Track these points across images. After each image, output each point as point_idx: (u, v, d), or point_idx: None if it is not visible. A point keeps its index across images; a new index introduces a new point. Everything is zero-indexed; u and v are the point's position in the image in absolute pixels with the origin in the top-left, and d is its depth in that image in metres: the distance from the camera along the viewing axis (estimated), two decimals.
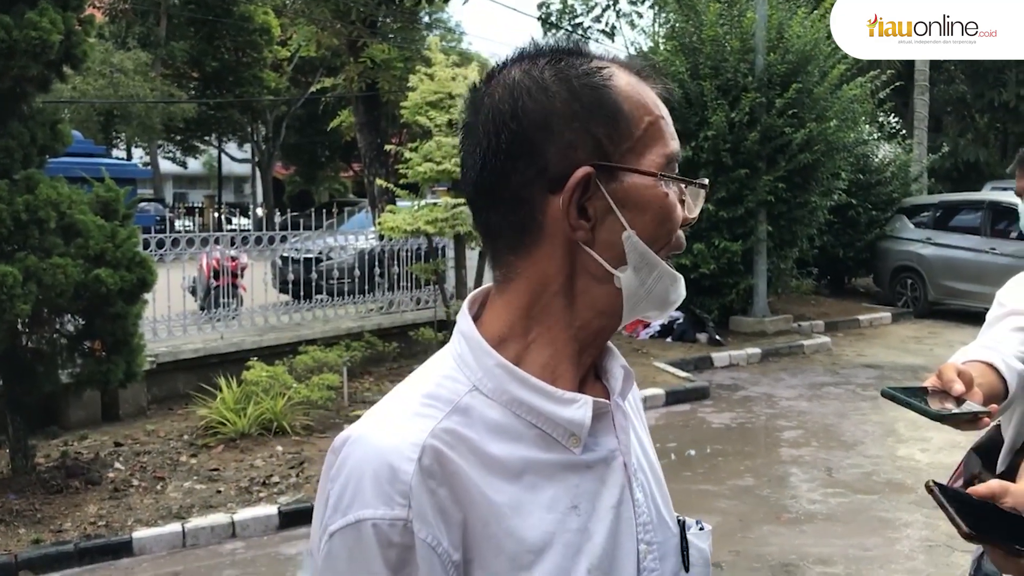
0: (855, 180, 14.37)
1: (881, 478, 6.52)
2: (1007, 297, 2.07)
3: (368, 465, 0.92)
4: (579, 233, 0.98)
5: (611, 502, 1.01)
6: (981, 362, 1.80)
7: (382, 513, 0.90)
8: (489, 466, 0.95)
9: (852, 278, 16.81)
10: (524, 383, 0.98)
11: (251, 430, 6.96)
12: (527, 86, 0.99)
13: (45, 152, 5.84)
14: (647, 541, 1.03)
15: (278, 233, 9.82)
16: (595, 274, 0.99)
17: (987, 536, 1.20)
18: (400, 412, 0.97)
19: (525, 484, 0.96)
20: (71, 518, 5.49)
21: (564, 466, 0.99)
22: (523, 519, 0.95)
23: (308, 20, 15.60)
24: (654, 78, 1.05)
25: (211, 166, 42.24)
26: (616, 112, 0.99)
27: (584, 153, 0.98)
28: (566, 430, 0.99)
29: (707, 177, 1.14)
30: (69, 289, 5.48)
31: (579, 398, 0.99)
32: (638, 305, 1.02)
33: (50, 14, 5.42)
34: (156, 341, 8.31)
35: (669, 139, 1.02)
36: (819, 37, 11.74)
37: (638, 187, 0.98)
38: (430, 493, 0.91)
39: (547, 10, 20.89)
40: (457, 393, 0.98)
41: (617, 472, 1.02)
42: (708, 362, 10.60)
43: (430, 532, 0.91)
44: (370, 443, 0.94)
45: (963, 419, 1.49)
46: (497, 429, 0.97)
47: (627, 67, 1.04)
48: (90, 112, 24.24)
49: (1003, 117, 21.29)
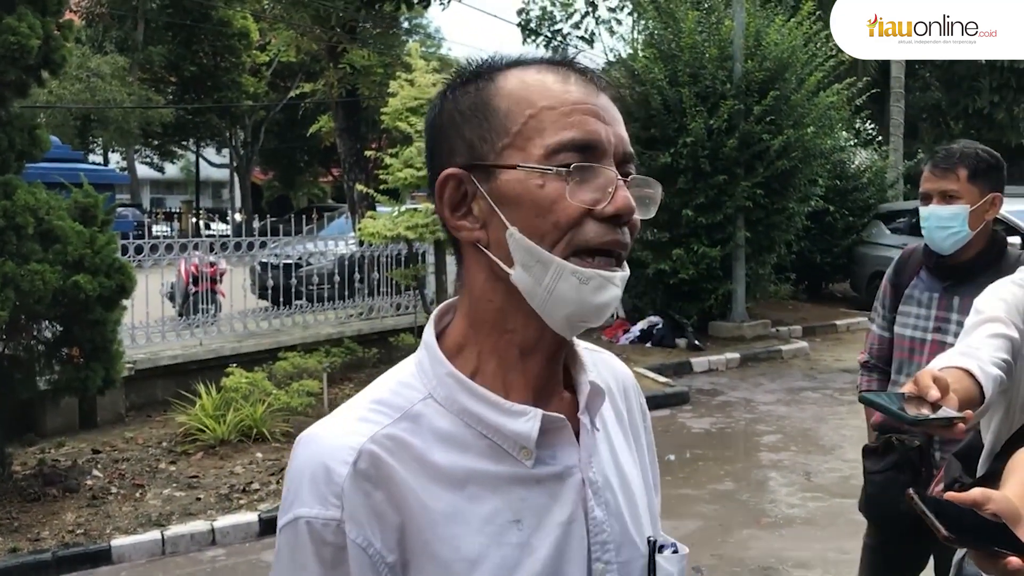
0: (832, 186, 14.49)
1: (859, 482, 6.51)
2: (984, 304, 2.10)
3: (308, 466, 0.96)
4: (472, 234, 0.99)
5: (560, 518, 0.99)
6: (958, 368, 1.82)
7: (316, 512, 0.94)
8: (430, 474, 0.96)
9: (829, 283, 16.95)
10: (473, 393, 0.99)
11: (231, 437, 6.93)
12: (433, 102, 1.05)
13: (23, 157, 5.80)
14: (605, 560, 1.01)
15: (257, 239, 9.79)
16: (501, 276, 0.98)
17: (967, 540, 1.22)
18: (348, 416, 0.99)
19: (467, 494, 0.96)
20: (49, 526, 5.45)
21: (512, 479, 0.98)
22: (460, 528, 0.95)
23: (287, 25, 15.56)
24: (584, 72, 1.02)
25: (189, 171, 42.00)
26: (490, 112, 0.99)
27: (460, 156, 1.00)
28: (516, 442, 0.98)
29: (687, 184, 1.13)
30: (47, 295, 5.44)
31: (528, 411, 0.98)
32: (547, 306, 0.97)
33: (29, 19, 5.39)
34: (134, 347, 8.26)
35: (559, 129, 0.96)
36: (796, 45, 11.85)
37: (511, 182, 0.97)
38: (364, 495, 0.94)
39: (527, 16, 20.96)
40: (410, 400, 1.00)
41: (572, 488, 1.01)
42: (687, 367, 10.64)
43: (361, 533, 0.93)
44: (313, 445, 0.97)
45: (939, 424, 1.52)
46: (445, 438, 0.98)
47: (544, 66, 1.02)
48: (67, 117, 24.05)
49: (977, 124, 21.48)
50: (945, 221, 2.81)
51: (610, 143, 0.99)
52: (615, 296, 0.98)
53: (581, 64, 1.04)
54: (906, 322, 3.02)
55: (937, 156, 2.88)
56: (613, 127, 1.00)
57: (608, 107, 1.02)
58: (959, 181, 2.79)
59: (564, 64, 1.03)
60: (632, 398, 1.19)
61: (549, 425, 0.99)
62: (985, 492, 1.29)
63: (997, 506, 1.27)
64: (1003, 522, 1.26)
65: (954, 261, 2.88)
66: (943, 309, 2.91)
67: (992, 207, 2.81)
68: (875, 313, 3.22)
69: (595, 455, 1.04)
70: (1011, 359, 1.97)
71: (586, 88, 1.00)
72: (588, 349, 1.17)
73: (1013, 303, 2.06)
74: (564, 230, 0.95)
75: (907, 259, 3.13)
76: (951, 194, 2.80)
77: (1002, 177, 2.84)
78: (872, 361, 3.20)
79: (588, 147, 0.97)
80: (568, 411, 1.03)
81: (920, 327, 2.97)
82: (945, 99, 22.01)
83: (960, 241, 2.82)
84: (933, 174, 2.85)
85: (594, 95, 1.00)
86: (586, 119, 0.98)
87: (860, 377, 3.27)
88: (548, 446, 1.00)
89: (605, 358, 1.20)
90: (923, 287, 2.99)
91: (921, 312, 2.97)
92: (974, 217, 2.79)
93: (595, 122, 0.98)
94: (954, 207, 2.79)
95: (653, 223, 12.01)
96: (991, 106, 20.92)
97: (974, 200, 2.78)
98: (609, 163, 0.98)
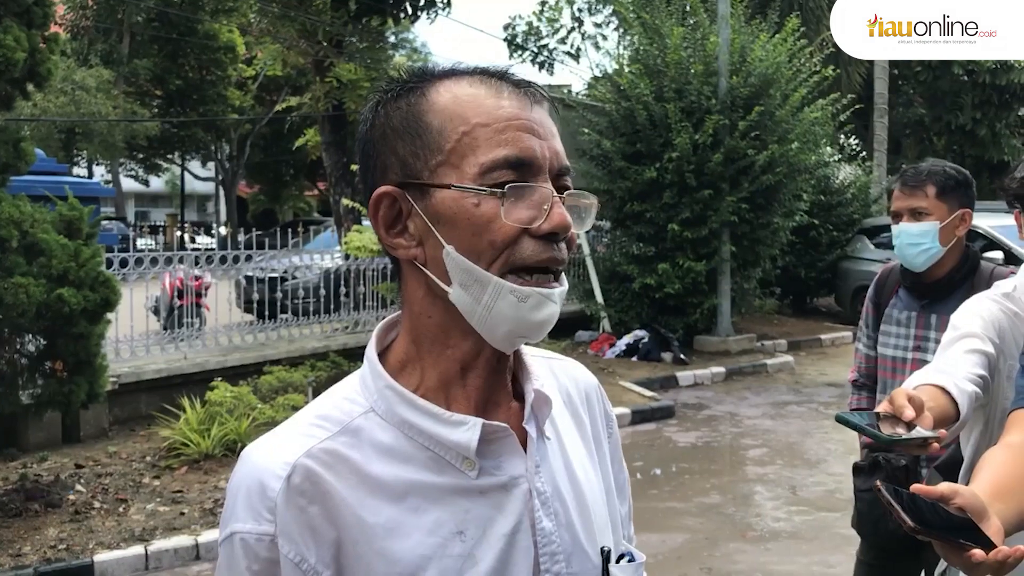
0: (817, 201, 14.59)
1: (844, 495, 6.58)
2: (960, 320, 2.12)
3: (244, 482, 0.96)
4: (408, 252, 0.99)
5: (504, 529, 0.98)
6: (933, 385, 1.84)
7: (250, 528, 0.95)
8: (369, 487, 0.96)
9: (814, 298, 17.03)
10: (412, 405, 0.99)
11: (215, 451, 6.89)
12: (364, 116, 1.03)
13: (7, 170, 5.77)
14: (555, 571, 1.00)
15: (242, 252, 9.77)
16: (439, 293, 0.98)
17: (933, 531, 1.23)
18: (287, 432, 1.00)
19: (408, 506, 0.96)
20: (30, 541, 5.39)
21: (455, 490, 0.98)
22: (399, 541, 0.95)
23: (274, 39, 15.56)
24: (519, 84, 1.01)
25: (174, 184, 41.84)
26: (423, 128, 0.97)
27: (394, 174, 0.99)
28: (458, 453, 0.98)
29: (672, 199, 1.13)
30: (31, 309, 5.41)
31: (467, 420, 0.97)
32: (486, 324, 0.96)
33: (15, 32, 5.37)
34: (118, 361, 8.21)
35: (493, 146, 0.95)
36: (780, 61, 11.94)
37: (446, 201, 0.96)
38: (299, 510, 0.94)
39: (513, 31, 21.04)
40: (350, 414, 1.00)
41: (517, 499, 1.00)
42: (673, 381, 10.66)
43: (294, 548, 0.94)
44: (250, 461, 0.98)
45: (913, 444, 1.55)
46: (385, 451, 0.98)
47: (478, 77, 1.00)
48: (51, 130, 23.95)
49: (960, 140, 21.69)
50: (915, 238, 2.84)
51: (545, 158, 0.97)
52: (553, 313, 0.97)
53: (515, 75, 1.02)
54: (887, 342, 3.05)
55: (906, 175, 2.91)
56: (548, 141, 0.99)
57: (543, 120, 1.00)
58: (928, 198, 2.82)
59: (498, 76, 1.01)
60: (595, 404, 1.18)
61: (491, 435, 0.98)
62: (952, 487, 1.30)
63: (964, 501, 1.29)
64: (968, 517, 1.28)
65: (928, 279, 2.91)
66: (921, 328, 2.94)
67: (962, 223, 2.85)
68: (860, 332, 3.25)
69: (544, 465, 1.03)
70: (987, 375, 1.99)
71: (520, 102, 0.99)
72: (547, 357, 1.17)
73: (989, 319, 2.09)
74: (500, 249, 0.95)
75: (886, 278, 3.15)
76: (920, 211, 2.83)
77: (971, 193, 2.87)
78: (861, 379, 3.24)
79: (523, 164, 0.95)
80: (515, 422, 1.02)
81: (900, 346, 3.00)
82: (928, 115, 22.22)
83: (932, 258, 2.84)
84: (902, 192, 2.88)
85: (528, 109, 0.99)
86: (520, 135, 0.96)
87: (851, 396, 3.32)
88: (492, 456, 0.99)
89: (566, 365, 1.19)
90: (901, 306, 3.02)
91: (901, 332, 3.00)
92: (944, 233, 2.82)
93: (529, 138, 0.97)
94: (924, 224, 2.82)
95: (639, 237, 12.08)
96: (973, 122, 21.12)
97: (943, 216, 2.81)
98: (544, 179, 0.97)
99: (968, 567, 1.25)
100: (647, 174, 11.48)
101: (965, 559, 1.23)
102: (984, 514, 1.31)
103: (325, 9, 13.53)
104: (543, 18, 21.47)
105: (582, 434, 1.13)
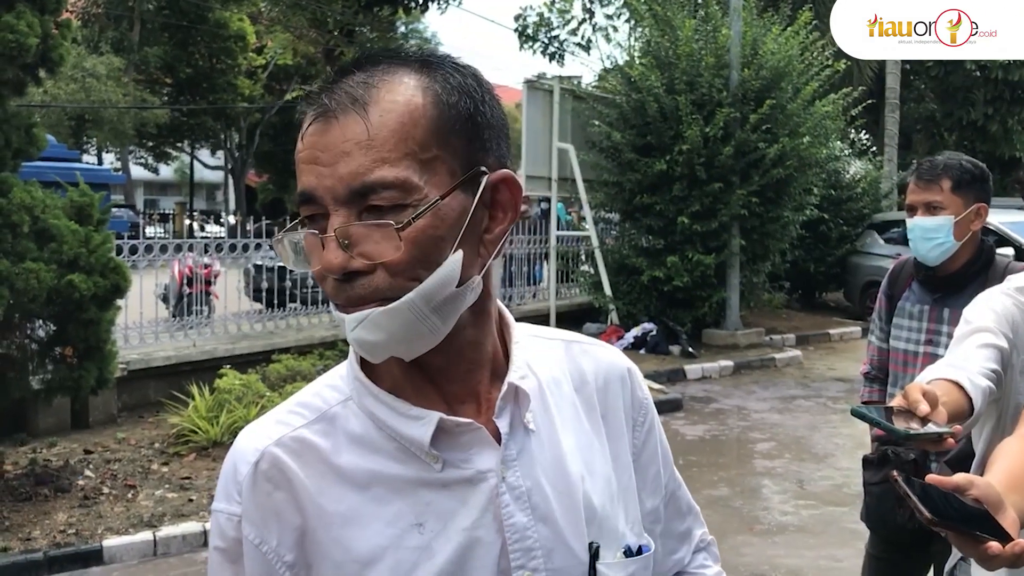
0: (827, 196, 14.54)
1: (852, 490, 6.57)
2: (973, 314, 2.11)
3: (228, 463, 1.01)
4: None
5: (465, 523, 0.97)
6: (947, 380, 1.83)
7: (223, 507, 1.00)
8: (335, 475, 0.98)
9: (823, 292, 16.99)
10: (376, 397, 0.99)
11: (223, 439, 6.90)
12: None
13: (19, 156, 5.78)
14: (532, 568, 0.98)
15: (252, 240, 9.77)
16: None
17: (949, 523, 1.23)
18: (268, 419, 1.03)
19: (370, 496, 0.97)
20: (40, 526, 5.42)
21: (418, 482, 0.97)
22: (357, 530, 0.96)
23: (284, 28, 15.57)
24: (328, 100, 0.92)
25: (183, 173, 41.98)
26: None
27: None
28: (421, 446, 0.97)
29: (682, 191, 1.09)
30: (42, 294, 5.42)
31: (425, 415, 0.97)
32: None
33: (28, 17, 5.37)
34: (128, 348, 8.24)
35: (298, 182, 0.94)
36: (792, 54, 11.89)
37: None
38: (265, 495, 0.98)
39: (524, 22, 20.97)
40: (329, 403, 1.02)
41: (483, 493, 0.98)
42: (681, 374, 10.65)
43: (255, 531, 0.97)
44: (235, 444, 1.02)
45: (928, 439, 1.54)
46: (356, 440, 0.99)
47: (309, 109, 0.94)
48: (61, 116, 24.02)
49: (971, 136, 21.59)
50: (930, 232, 2.81)
51: (326, 189, 0.90)
52: (361, 337, 0.92)
53: (320, 96, 0.93)
54: (899, 335, 3.03)
55: (921, 168, 2.88)
56: (334, 167, 0.89)
57: (332, 143, 0.90)
58: (943, 192, 2.79)
59: (314, 101, 0.94)
60: (617, 390, 1.14)
61: (455, 428, 0.97)
62: (968, 477, 1.30)
63: (980, 491, 1.29)
64: (984, 508, 1.28)
65: (942, 272, 2.89)
66: (934, 321, 2.92)
67: (977, 218, 2.82)
68: (873, 325, 3.23)
69: (524, 458, 1.01)
70: (1000, 369, 1.98)
71: (319, 125, 0.91)
72: (569, 340, 1.16)
73: (1002, 313, 2.07)
74: (319, 282, 0.94)
75: (899, 271, 3.14)
76: (935, 205, 2.80)
77: (987, 188, 2.84)
78: (873, 372, 3.22)
79: (307, 201, 0.92)
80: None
81: (912, 340, 2.98)
82: (940, 110, 22.11)
83: (946, 252, 2.82)
84: (917, 186, 2.85)
85: (323, 132, 0.91)
86: (303, 169, 0.92)
87: (862, 388, 3.30)
88: (460, 449, 0.98)
89: (588, 348, 1.16)
90: (914, 299, 3.00)
91: (913, 325, 2.98)
92: (959, 228, 2.79)
93: (308, 171, 0.91)
94: (939, 218, 2.80)
95: (648, 230, 12.06)
96: (985, 118, 21.02)
97: (959, 211, 2.79)
98: (334, 210, 0.90)
99: (984, 559, 1.24)
100: (657, 166, 11.46)
101: (981, 551, 1.23)
102: (1000, 505, 1.30)
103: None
104: (554, 9, 21.41)
105: (592, 422, 1.10)
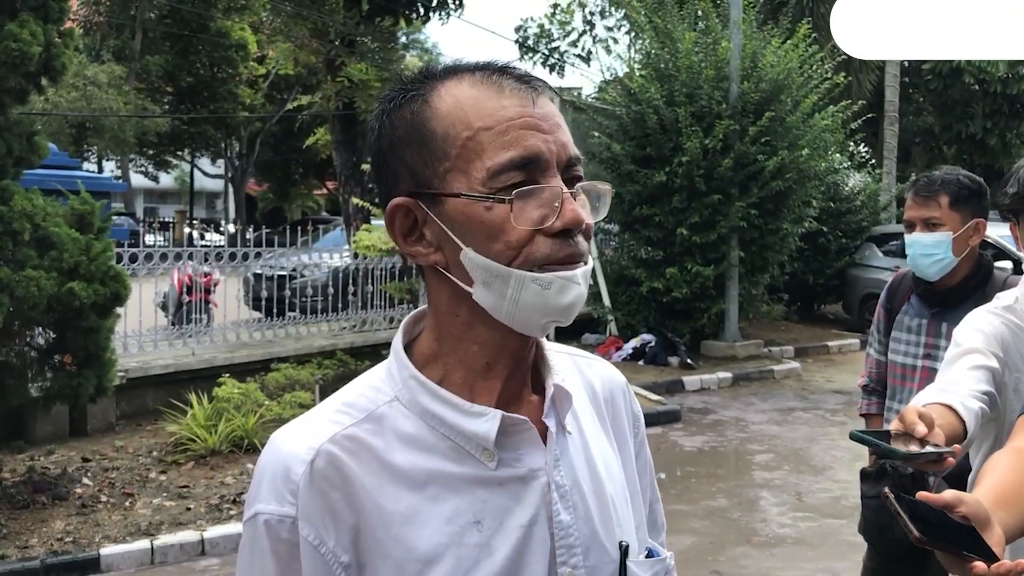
0: (826, 208, 14.55)
1: (850, 502, 6.57)
2: (962, 336, 2.11)
3: (271, 465, 0.99)
4: (428, 258, 1.01)
5: (522, 521, 1.00)
6: (940, 404, 1.85)
7: (272, 509, 0.97)
8: (390, 474, 0.98)
9: (822, 304, 16.99)
10: (435, 395, 1.00)
11: (222, 447, 6.91)
12: (372, 126, 1.04)
13: (21, 163, 5.79)
14: (572, 564, 1.01)
15: (252, 249, 9.78)
16: (463, 294, 0.99)
17: (937, 542, 1.24)
18: (314, 418, 1.02)
19: (427, 495, 0.98)
20: (37, 534, 5.41)
21: (474, 480, 0.99)
22: (417, 529, 0.97)
23: (286, 38, 15.60)
24: (519, 79, 0.99)
25: (183, 181, 41.95)
26: (428, 136, 0.98)
27: (405, 183, 1.00)
28: (479, 444, 0.99)
29: (681, 203, 1.13)
30: (42, 302, 5.43)
31: (487, 412, 0.99)
32: (515, 317, 0.97)
33: (31, 26, 5.39)
34: (126, 356, 8.24)
35: (498, 149, 0.95)
36: (792, 67, 11.93)
37: (458, 207, 0.96)
38: (321, 495, 0.96)
39: (524, 33, 21.02)
40: (376, 403, 1.02)
41: (536, 491, 1.01)
42: (680, 385, 10.65)
43: (314, 531, 0.96)
44: (277, 445, 1.00)
45: (929, 459, 1.57)
46: (407, 439, 0.99)
47: (479, 76, 0.99)
48: (62, 124, 24.01)
49: (970, 149, 21.62)
50: (929, 248, 2.81)
51: (552, 153, 0.96)
52: (580, 294, 0.97)
53: (516, 70, 1.01)
54: (897, 348, 3.04)
55: (919, 184, 2.88)
56: (554, 134, 0.97)
57: (547, 114, 0.98)
58: (941, 208, 2.79)
59: (498, 72, 1.00)
60: (620, 403, 1.20)
61: (511, 427, 1.00)
62: (957, 494, 1.31)
63: (968, 509, 1.30)
64: (972, 525, 1.29)
65: (941, 287, 2.89)
66: (932, 335, 2.92)
67: (976, 233, 2.81)
68: (872, 338, 3.24)
69: (564, 458, 1.04)
70: (993, 390, 1.99)
71: (522, 97, 0.98)
72: (572, 354, 1.18)
73: (991, 333, 2.08)
74: (517, 249, 0.95)
75: (898, 284, 3.14)
76: (933, 221, 2.80)
77: (985, 203, 2.84)
78: (872, 384, 3.23)
79: (529, 163, 0.95)
80: (537, 416, 1.04)
81: (911, 353, 2.98)
82: (938, 124, 22.14)
83: (945, 268, 2.82)
84: (915, 202, 2.85)
85: (530, 104, 0.97)
86: (523, 134, 0.96)
87: (861, 400, 3.31)
88: (512, 448, 1.01)
89: (592, 362, 1.20)
90: (913, 313, 3.00)
91: (911, 339, 2.99)
92: (958, 243, 2.79)
93: (533, 135, 0.96)
94: (937, 234, 2.79)
95: (647, 241, 12.08)
96: (984, 131, 21.05)
97: (957, 227, 2.78)
98: (553, 174, 0.96)
99: None
100: (656, 178, 11.48)
101: (967, 571, 1.25)
102: (988, 523, 1.32)
103: (337, 9, 13.56)
104: (555, 20, 21.46)
105: (605, 431, 1.14)
